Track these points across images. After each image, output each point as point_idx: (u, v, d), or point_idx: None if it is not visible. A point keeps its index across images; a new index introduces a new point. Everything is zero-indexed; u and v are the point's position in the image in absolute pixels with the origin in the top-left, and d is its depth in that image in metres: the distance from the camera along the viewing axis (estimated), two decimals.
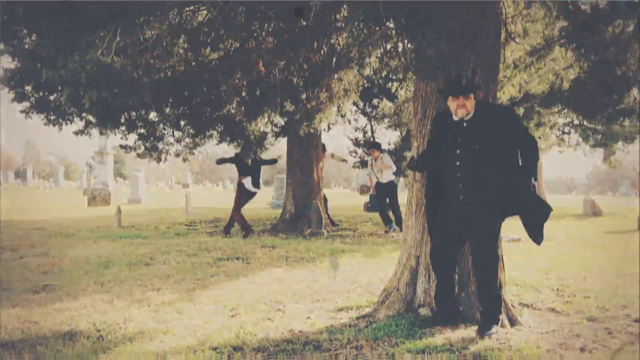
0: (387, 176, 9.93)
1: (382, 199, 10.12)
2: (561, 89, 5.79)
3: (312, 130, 8.18)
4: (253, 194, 9.49)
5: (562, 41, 4.41)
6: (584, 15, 4.00)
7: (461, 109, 3.53)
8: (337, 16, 3.69)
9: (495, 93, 4.04)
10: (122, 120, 7.94)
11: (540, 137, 13.72)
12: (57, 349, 3.36)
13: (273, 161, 10.24)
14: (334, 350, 3.31)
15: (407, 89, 7.76)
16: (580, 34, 4.04)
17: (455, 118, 3.60)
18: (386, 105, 11.24)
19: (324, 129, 12.89)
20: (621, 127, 13.04)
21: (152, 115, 8.34)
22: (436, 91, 3.88)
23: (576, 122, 17.11)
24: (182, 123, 8.24)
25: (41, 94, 7.94)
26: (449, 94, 3.56)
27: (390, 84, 7.93)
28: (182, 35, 4.82)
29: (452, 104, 3.57)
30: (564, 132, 17.99)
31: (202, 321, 4.01)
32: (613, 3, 3.82)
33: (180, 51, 5.12)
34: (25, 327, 3.85)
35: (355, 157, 14.15)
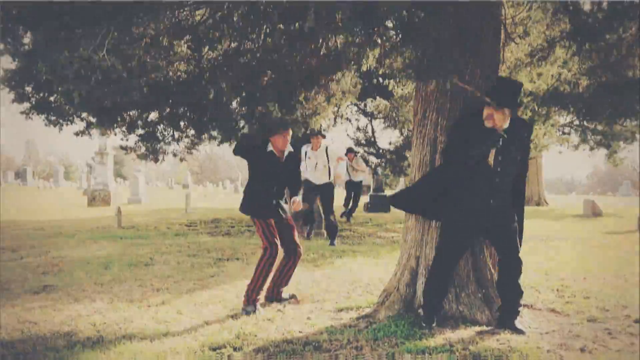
0: (360, 176, 12.29)
1: (348, 194, 12.49)
2: (562, 89, 5.80)
3: (308, 132, 8.14)
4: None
5: (563, 42, 4.40)
6: (585, 15, 4.00)
7: (491, 119, 3.56)
8: (336, 16, 3.69)
9: None
10: (122, 120, 7.94)
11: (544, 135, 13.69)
12: (57, 349, 3.36)
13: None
14: (334, 350, 3.31)
15: (402, 88, 7.72)
16: (581, 34, 4.04)
17: (488, 125, 3.59)
18: (381, 103, 11.20)
19: (324, 130, 12.86)
20: (622, 127, 13.03)
21: (153, 116, 8.34)
22: (473, 93, 3.79)
23: (576, 122, 17.10)
24: (182, 124, 8.23)
25: (41, 95, 7.94)
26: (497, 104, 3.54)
27: (386, 81, 7.89)
28: (181, 35, 4.81)
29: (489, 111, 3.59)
30: (563, 133, 17.99)
31: (202, 321, 4.01)
32: (613, 3, 3.82)
33: (183, 49, 5.11)
34: (25, 327, 3.85)
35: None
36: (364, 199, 18.48)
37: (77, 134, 8.67)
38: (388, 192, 18.59)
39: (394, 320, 3.80)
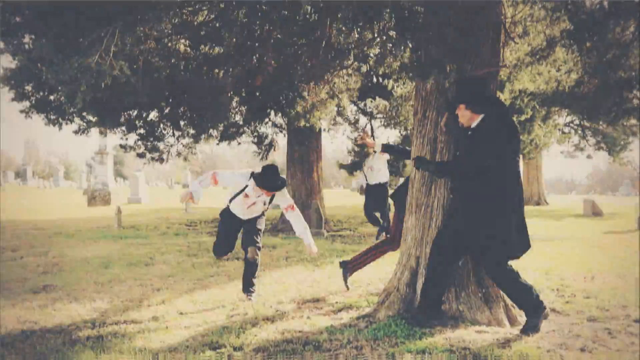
0: (378, 177, 8.99)
1: (368, 202, 9.20)
2: (562, 89, 5.79)
3: (308, 125, 8.09)
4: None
5: (563, 41, 4.40)
6: (585, 15, 3.99)
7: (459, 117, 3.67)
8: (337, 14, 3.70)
9: (495, 93, 4.04)
10: (122, 120, 7.94)
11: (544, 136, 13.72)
12: (57, 349, 3.36)
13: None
14: (334, 350, 3.31)
15: (402, 87, 7.71)
16: (580, 34, 4.04)
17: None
18: (380, 103, 11.22)
19: (324, 129, 12.86)
20: (622, 127, 13.03)
21: (153, 116, 8.34)
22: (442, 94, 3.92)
23: (577, 122, 17.11)
24: (182, 123, 8.24)
25: (41, 94, 7.95)
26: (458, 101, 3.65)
27: (386, 81, 7.90)
28: (184, 34, 4.83)
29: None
30: (563, 132, 18.02)
31: (202, 321, 4.01)
32: (613, 3, 3.82)
33: (187, 49, 5.12)
34: (25, 327, 3.85)
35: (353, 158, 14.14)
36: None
37: (76, 132, 8.67)
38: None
39: (394, 320, 3.79)
